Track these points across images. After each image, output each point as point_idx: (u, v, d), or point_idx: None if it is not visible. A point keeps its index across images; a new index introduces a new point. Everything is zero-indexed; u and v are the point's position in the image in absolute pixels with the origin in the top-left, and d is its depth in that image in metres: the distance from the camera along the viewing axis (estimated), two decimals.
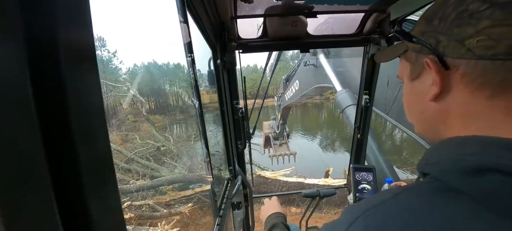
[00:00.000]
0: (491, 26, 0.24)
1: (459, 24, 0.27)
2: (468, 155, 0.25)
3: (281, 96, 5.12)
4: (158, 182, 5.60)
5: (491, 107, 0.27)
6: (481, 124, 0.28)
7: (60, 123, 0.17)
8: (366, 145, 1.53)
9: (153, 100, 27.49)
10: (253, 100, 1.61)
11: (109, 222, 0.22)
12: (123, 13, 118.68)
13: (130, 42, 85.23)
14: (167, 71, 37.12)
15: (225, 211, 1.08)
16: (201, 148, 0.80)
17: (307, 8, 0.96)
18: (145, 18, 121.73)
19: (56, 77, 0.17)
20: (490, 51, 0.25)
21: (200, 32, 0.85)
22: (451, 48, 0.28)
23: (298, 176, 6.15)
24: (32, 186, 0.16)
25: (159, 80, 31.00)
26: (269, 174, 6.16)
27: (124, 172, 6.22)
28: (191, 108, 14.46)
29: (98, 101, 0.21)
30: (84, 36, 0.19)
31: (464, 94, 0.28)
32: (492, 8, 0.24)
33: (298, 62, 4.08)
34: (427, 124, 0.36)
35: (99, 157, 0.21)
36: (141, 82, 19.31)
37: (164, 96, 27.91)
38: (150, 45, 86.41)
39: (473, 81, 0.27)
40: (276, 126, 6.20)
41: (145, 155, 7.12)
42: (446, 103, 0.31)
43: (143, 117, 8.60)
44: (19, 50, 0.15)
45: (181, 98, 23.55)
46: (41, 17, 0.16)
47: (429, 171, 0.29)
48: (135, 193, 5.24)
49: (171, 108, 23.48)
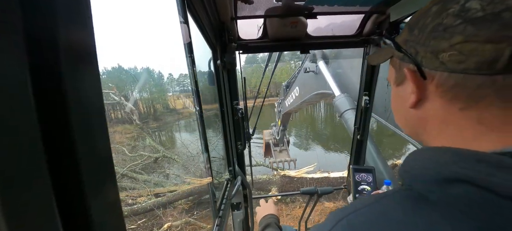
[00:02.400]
0: (463, 41, 0.25)
1: (435, 37, 0.28)
2: (440, 165, 0.25)
3: (281, 103, 5.12)
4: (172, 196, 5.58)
5: (464, 119, 0.28)
6: (455, 134, 0.29)
7: (60, 123, 0.17)
8: (366, 146, 1.53)
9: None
10: (253, 100, 1.61)
11: (109, 222, 0.22)
12: (122, 13, 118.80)
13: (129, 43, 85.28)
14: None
15: (225, 212, 1.08)
16: (201, 149, 0.80)
17: (307, 9, 0.96)
18: (145, 19, 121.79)
19: (56, 77, 0.17)
20: (461, 66, 0.26)
21: (200, 32, 0.85)
22: (427, 59, 0.29)
23: (321, 172, 6.16)
24: (32, 186, 0.15)
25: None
26: (293, 173, 6.16)
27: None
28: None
29: (98, 101, 0.21)
30: (84, 36, 0.19)
31: (440, 104, 0.30)
32: (464, 24, 0.25)
33: (298, 69, 4.10)
34: (410, 128, 0.37)
35: (99, 157, 0.21)
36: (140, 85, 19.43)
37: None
38: (148, 47, 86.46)
39: (446, 93, 0.28)
40: (276, 133, 6.21)
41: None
42: (424, 111, 0.32)
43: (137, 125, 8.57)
44: (19, 50, 0.15)
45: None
46: (41, 17, 0.16)
47: (405, 179, 0.30)
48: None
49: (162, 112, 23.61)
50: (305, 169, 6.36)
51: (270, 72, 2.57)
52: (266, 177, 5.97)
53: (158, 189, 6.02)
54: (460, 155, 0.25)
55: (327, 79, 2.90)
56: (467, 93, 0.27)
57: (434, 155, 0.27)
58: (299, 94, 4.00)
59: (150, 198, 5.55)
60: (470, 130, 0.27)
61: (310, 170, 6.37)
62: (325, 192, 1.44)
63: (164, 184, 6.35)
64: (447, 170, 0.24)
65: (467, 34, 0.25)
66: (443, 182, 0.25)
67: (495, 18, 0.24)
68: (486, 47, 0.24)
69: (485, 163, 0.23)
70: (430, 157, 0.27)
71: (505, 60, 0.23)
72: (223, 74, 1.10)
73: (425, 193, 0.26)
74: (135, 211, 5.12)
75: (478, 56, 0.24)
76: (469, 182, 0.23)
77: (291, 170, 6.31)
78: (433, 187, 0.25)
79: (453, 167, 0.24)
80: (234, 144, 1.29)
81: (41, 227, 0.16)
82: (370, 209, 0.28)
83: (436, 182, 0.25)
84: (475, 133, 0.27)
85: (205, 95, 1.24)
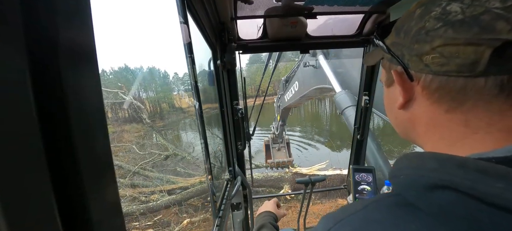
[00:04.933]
0: (444, 44, 0.26)
1: (418, 40, 0.28)
2: (425, 171, 0.25)
3: (280, 97, 5.08)
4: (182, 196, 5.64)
5: (450, 121, 0.28)
6: (442, 136, 0.29)
7: (60, 123, 0.17)
8: (365, 146, 1.53)
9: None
10: (255, 99, 1.62)
11: (109, 222, 0.22)
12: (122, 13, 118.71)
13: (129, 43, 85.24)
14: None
15: (225, 212, 1.08)
16: (201, 149, 0.80)
17: (307, 9, 0.96)
18: (145, 19, 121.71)
19: (56, 77, 0.17)
20: (444, 68, 0.26)
21: (200, 32, 0.85)
22: (413, 62, 0.29)
23: (333, 169, 6.17)
24: (32, 186, 0.15)
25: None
26: (305, 170, 6.20)
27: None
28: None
29: (98, 101, 0.21)
30: (84, 36, 0.19)
31: (426, 106, 0.30)
32: (445, 27, 0.26)
33: (297, 63, 4.07)
34: (400, 128, 0.38)
35: (99, 157, 0.21)
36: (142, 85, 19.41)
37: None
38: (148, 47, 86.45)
39: (432, 95, 0.29)
40: (275, 128, 6.17)
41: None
42: (412, 112, 0.33)
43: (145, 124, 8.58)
44: (19, 50, 0.15)
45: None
46: (41, 17, 0.16)
47: (394, 184, 0.30)
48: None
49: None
50: (317, 166, 6.37)
51: (270, 72, 2.57)
52: (277, 175, 6.07)
53: (169, 186, 6.11)
54: (442, 161, 0.25)
55: (327, 74, 2.84)
56: (451, 95, 0.27)
57: (419, 161, 0.27)
58: (298, 89, 3.94)
59: (163, 195, 5.65)
60: (455, 132, 0.28)
61: (322, 167, 6.37)
62: (318, 180, 1.53)
63: (176, 181, 6.43)
64: (431, 176, 0.25)
65: (447, 37, 0.25)
66: (428, 188, 0.25)
67: (474, 21, 0.24)
68: (466, 49, 0.24)
69: (466, 169, 0.23)
70: (417, 163, 0.27)
71: (485, 62, 0.23)
72: (223, 74, 1.10)
73: (412, 200, 0.26)
74: (151, 209, 5.25)
75: (458, 59, 0.25)
76: (451, 188, 0.23)
77: (303, 167, 6.32)
78: (419, 193, 0.26)
79: (436, 173, 0.24)
80: (234, 144, 1.29)
81: (41, 227, 0.16)
82: (358, 216, 0.28)
83: (423, 188, 0.25)
84: (460, 135, 0.27)
85: (207, 93, 1.24)
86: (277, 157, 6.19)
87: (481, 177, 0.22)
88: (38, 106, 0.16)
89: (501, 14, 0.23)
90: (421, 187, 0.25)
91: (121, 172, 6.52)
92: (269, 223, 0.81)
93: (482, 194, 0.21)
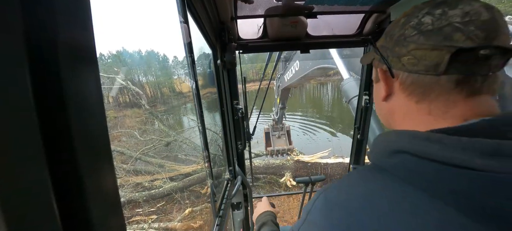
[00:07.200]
0: (416, 48, 0.33)
1: (398, 44, 0.35)
2: (388, 142, 0.34)
3: (280, 77, 4.72)
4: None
5: (418, 110, 0.35)
6: (412, 123, 0.37)
7: (60, 123, 0.17)
8: (366, 146, 1.53)
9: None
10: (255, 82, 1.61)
11: (109, 222, 0.22)
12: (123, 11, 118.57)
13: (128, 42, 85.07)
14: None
15: (225, 212, 1.08)
16: (201, 149, 0.80)
17: (307, 9, 0.96)
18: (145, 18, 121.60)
19: (56, 77, 0.17)
20: (415, 68, 0.33)
21: (200, 32, 0.85)
22: (394, 62, 0.37)
23: (335, 157, 6.14)
24: (32, 186, 0.16)
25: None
26: (307, 158, 6.13)
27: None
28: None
29: (98, 101, 0.21)
30: (84, 36, 0.19)
31: (402, 98, 0.38)
32: (418, 35, 0.32)
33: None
34: (383, 117, 0.45)
35: (99, 157, 0.21)
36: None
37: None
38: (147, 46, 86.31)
39: (406, 89, 0.36)
40: (274, 112, 5.97)
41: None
42: (392, 104, 0.40)
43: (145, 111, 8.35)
44: (19, 50, 0.15)
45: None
46: (41, 17, 0.16)
47: (371, 156, 0.38)
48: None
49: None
50: (320, 154, 6.29)
51: (271, 71, 2.57)
52: (279, 162, 6.04)
53: (171, 173, 6.05)
54: (402, 135, 0.33)
55: (333, 56, 2.50)
56: (420, 90, 0.34)
57: (385, 137, 0.36)
58: (299, 68, 3.66)
59: (165, 182, 5.63)
60: (421, 119, 0.35)
61: (324, 155, 6.30)
62: (318, 179, 1.54)
63: (177, 168, 6.35)
64: (391, 145, 0.33)
65: (419, 42, 0.32)
66: (390, 153, 0.33)
67: (439, 31, 0.30)
68: (432, 53, 0.31)
69: (419, 138, 0.30)
70: (383, 138, 0.36)
71: (445, 64, 0.30)
72: (223, 73, 1.10)
73: (381, 165, 0.34)
74: (153, 196, 5.24)
75: (426, 60, 0.32)
76: (404, 152, 0.31)
77: (305, 155, 6.24)
78: (384, 159, 0.34)
79: (394, 143, 0.33)
80: (234, 144, 1.29)
81: (41, 227, 0.16)
82: (341, 182, 0.35)
83: (387, 154, 0.33)
84: (424, 121, 0.35)
85: (206, 94, 1.24)
86: (277, 145, 6.05)
87: (425, 142, 0.29)
88: (38, 106, 0.16)
89: (459, 27, 0.29)
90: (386, 154, 0.34)
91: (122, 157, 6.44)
92: (270, 221, 0.83)
93: (425, 154, 0.29)
